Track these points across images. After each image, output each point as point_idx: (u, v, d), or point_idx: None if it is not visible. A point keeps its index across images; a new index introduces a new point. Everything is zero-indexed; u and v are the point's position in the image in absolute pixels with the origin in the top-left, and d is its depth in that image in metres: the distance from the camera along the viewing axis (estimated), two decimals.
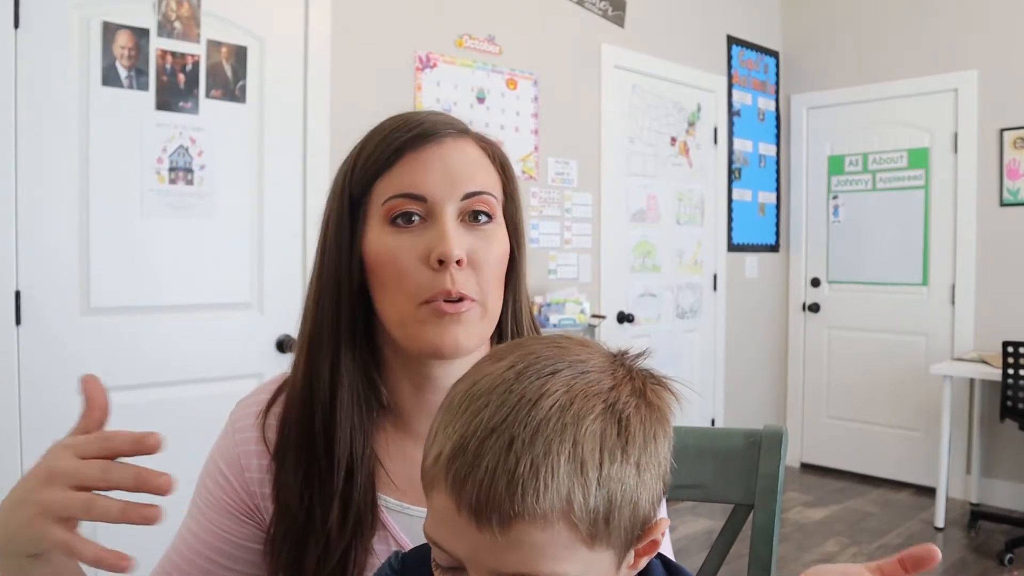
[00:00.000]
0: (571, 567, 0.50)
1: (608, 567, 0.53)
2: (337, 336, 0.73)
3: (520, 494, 0.47)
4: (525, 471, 0.48)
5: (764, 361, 4.57)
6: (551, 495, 0.48)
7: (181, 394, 2.26)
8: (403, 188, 0.71)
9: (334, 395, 0.72)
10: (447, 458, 0.50)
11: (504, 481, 0.48)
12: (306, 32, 2.53)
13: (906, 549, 0.50)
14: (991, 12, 3.89)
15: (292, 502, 0.71)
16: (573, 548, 0.49)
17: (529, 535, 0.48)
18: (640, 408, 0.53)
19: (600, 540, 0.50)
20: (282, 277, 2.48)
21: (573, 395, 0.51)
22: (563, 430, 0.49)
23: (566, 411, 0.50)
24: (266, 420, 0.76)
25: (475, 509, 0.48)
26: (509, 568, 0.49)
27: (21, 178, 2.00)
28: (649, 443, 0.53)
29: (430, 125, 0.73)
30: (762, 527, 0.93)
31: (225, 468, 0.77)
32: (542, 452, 0.48)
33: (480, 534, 0.48)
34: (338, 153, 2.54)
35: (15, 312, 1.99)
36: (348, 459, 0.71)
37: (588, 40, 3.49)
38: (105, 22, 2.11)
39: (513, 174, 0.79)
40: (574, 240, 3.42)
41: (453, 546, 0.51)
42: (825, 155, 4.52)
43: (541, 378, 0.52)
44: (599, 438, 0.50)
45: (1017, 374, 3.20)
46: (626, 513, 0.51)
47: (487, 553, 0.49)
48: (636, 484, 0.51)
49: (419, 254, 0.70)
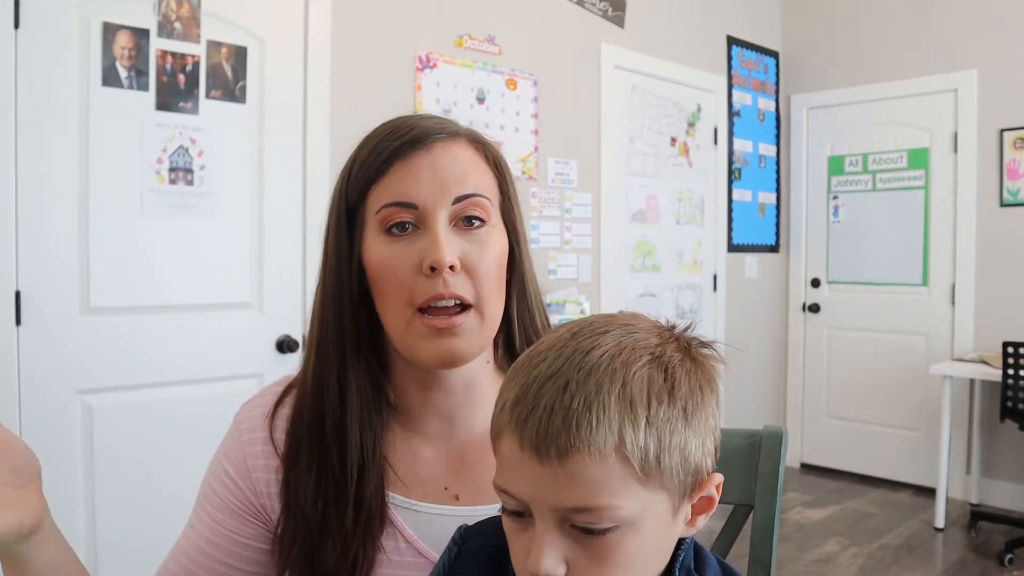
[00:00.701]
0: (627, 502, 0.53)
1: (665, 512, 0.56)
2: (342, 342, 0.75)
3: (575, 427, 0.52)
4: (579, 407, 0.52)
5: (764, 361, 4.57)
6: (604, 429, 0.52)
7: (181, 394, 2.26)
8: (394, 197, 0.71)
9: (343, 400, 0.74)
10: (511, 405, 0.56)
11: (560, 417, 0.52)
12: (306, 32, 2.53)
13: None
14: (991, 12, 3.89)
15: (306, 503, 0.72)
16: (628, 484, 0.53)
17: (586, 468, 0.52)
18: (685, 362, 0.58)
19: (653, 479, 0.54)
20: (282, 277, 2.48)
21: (622, 347, 0.56)
22: (613, 373, 0.54)
23: (615, 358, 0.55)
24: (273, 421, 0.77)
25: (535, 445, 0.53)
26: (570, 502, 0.52)
27: (21, 178, 2.00)
28: (695, 393, 0.56)
29: (419, 132, 0.73)
30: (762, 527, 0.93)
31: (231, 469, 0.77)
32: (594, 390, 0.53)
33: (542, 468, 0.53)
34: (338, 153, 2.55)
35: (15, 312, 1.99)
36: (360, 461, 0.73)
37: (588, 40, 3.49)
38: (105, 22, 2.11)
39: (508, 172, 0.79)
40: (574, 240, 3.42)
41: (518, 488, 0.54)
42: (825, 155, 4.52)
43: (594, 336, 0.57)
44: (647, 382, 0.54)
45: (1017, 374, 3.20)
46: (676, 457, 0.54)
47: (549, 489, 0.53)
48: (684, 429, 0.55)
49: (413, 263, 0.70)
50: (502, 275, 0.75)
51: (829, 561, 3.20)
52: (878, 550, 3.31)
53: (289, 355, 2.46)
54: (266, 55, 2.43)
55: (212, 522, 0.77)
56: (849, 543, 3.39)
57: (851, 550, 3.31)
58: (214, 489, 0.78)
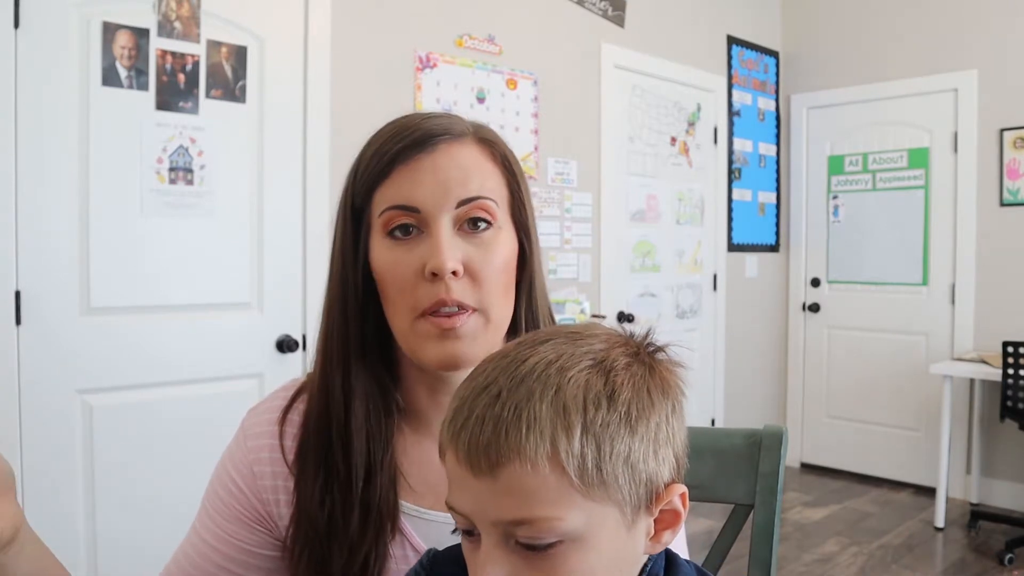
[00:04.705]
0: (568, 514, 0.50)
1: (617, 526, 0.53)
2: (346, 345, 0.74)
3: (504, 436, 0.50)
4: (508, 414, 0.50)
5: (764, 361, 4.57)
6: (534, 436, 0.49)
7: (181, 394, 2.26)
8: (396, 200, 0.70)
9: (348, 405, 0.73)
10: (449, 419, 0.54)
11: (491, 426, 0.50)
12: (306, 32, 2.53)
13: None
14: (991, 12, 3.89)
15: (312, 508, 0.71)
16: (567, 495, 0.50)
17: (519, 479, 0.50)
18: (632, 367, 0.54)
19: (596, 490, 0.51)
20: (282, 277, 2.48)
21: (560, 353, 0.53)
22: (547, 379, 0.52)
23: (551, 365, 0.52)
24: (283, 427, 0.76)
25: (469, 457, 0.51)
26: (507, 515, 0.50)
27: (21, 178, 2.00)
28: (641, 398, 0.53)
29: (422, 134, 0.71)
30: (762, 527, 0.93)
31: (236, 476, 0.77)
32: (525, 398, 0.51)
33: (477, 481, 0.51)
34: (338, 153, 2.55)
35: (15, 312, 1.99)
36: (366, 466, 0.72)
37: (588, 40, 3.49)
38: (105, 22, 2.11)
39: (519, 170, 0.77)
40: (574, 240, 3.42)
41: (461, 503, 0.53)
42: (825, 155, 4.52)
43: (535, 345, 0.55)
44: (583, 387, 0.51)
45: (1017, 374, 3.20)
46: (619, 465, 0.51)
47: (487, 502, 0.51)
48: (629, 436, 0.52)
49: (415, 267, 0.70)
50: (510, 277, 0.74)
51: (829, 561, 3.20)
52: (878, 550, 3.31)
53: (289, 355, 2.46)
54: (266, 55, 2.43)
55: (217, 528, 0.77)
56: (849, 543, 3.39)
57: (851, 550, 3.31)
58: (219, 495, 0.77)
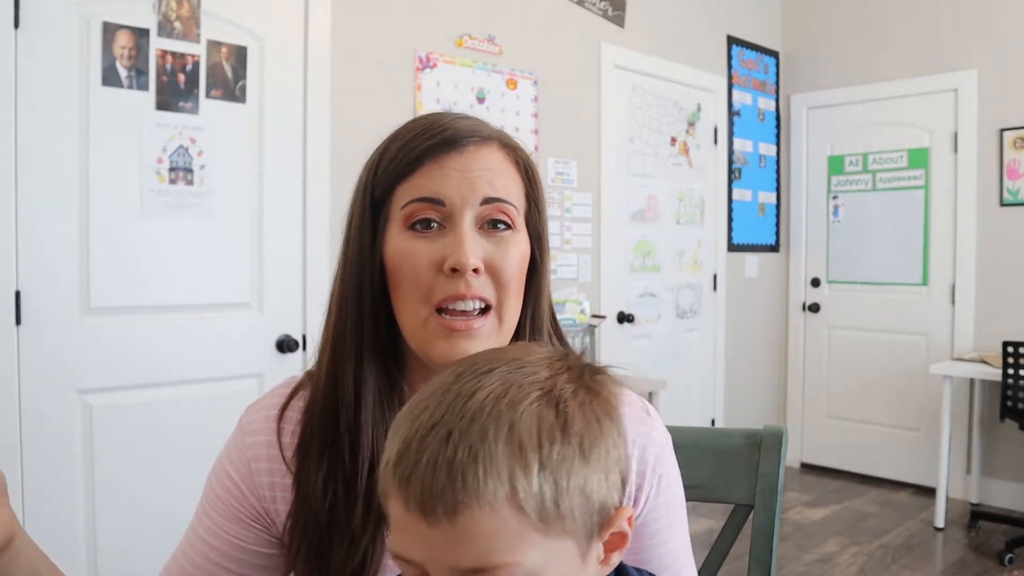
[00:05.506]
0: (528, 556, 0.49)
1: (572, 558, 0.52)
2: (360, 337, 0.74)
3: (461, 481, 0.47)
4: (464, 457, 0.48)
5: (764, 361, 4.57)
6: (492, 478, 0.48)
7: (181, 394, 2.26)
8: (422, 193, 0.71)
9: (359, 396, 0.73)
10: (393, 463, 0.51)
11: (445, 470, 0.48)
12: (306, 32, 2.53)
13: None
14: (991, 12, 3.89)
15: (315, 498, 0.71)
16: (526, 535, 0.49)
17: (478, 524, 0.48)
18: (578, 394, 0.53)
19: (554, 526, 0.50)
20: (282, 277, 2.48)
21: (508, 385, 0.52)
22: (499, 416, 0.49)
23: (501, 399, 0.50)
24: (281, 424, 0.77)
25: (421, 504, 0.48)
26: (465, 562, 0.48)
27: (21, 178, 2.00)
28: (592, 426, 0.52)
29: (452, 133, 0.72)
30: (762, 527, 0.93)
31: (234, 473, 0.77)
32: (479, 438, 0.49)
33: (431, 530, 0.48)
34: (338, 153, 2.55)
35: (15, 312, 1.99)
36: (371, 457, 0.72)
37: (588, 40, 3.49)
38: (105, 22, 2.11)
39: (538, 180, 0.78)
40: (574, 240, 3.42)
41: (411, 551, 0.50)
42: (825, 155, 4.52)
43: (478, 376, 0.53)
44: (536, 421, 0.50)
45: (1017, 374, 3.21)
46: (576, 498, 0.50)
47: (442, 550, 0.49)
48: (583, 468, 0.51)
49: (434, 260, 0.70)
50: (522, 280, 0.75)
51: (829, 561, 3.20)
52: (878, 550, 3.31)
53: (289, 355, 2.46)
54: (266, 55, 2.43)
55: (214, 525, 0.77)
56: (849, 543, 3.39)
57: (851, 550, 3.31)
58: (216, 492, 0.78)
